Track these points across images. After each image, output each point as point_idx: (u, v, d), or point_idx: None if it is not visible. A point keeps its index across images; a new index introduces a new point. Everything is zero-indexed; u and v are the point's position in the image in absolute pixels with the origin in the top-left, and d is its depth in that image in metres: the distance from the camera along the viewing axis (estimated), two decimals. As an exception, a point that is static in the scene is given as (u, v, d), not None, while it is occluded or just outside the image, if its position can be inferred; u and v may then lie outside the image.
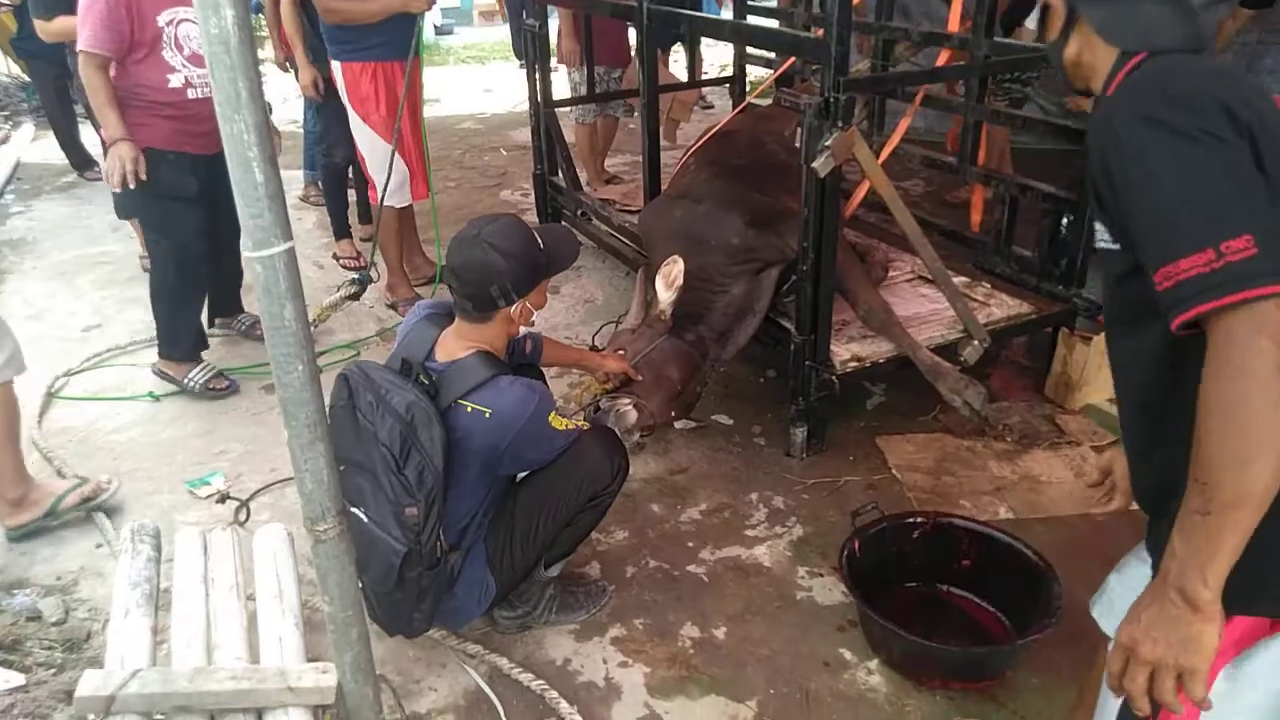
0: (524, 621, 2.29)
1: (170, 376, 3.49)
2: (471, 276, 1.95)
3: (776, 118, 4.10)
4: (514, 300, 2.00)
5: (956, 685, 2.13)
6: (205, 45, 1.17)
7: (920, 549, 2.39)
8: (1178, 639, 1.09)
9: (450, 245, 2.03)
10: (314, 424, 1.40)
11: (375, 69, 3.76)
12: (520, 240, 1.99)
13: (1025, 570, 2.24)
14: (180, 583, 1.96)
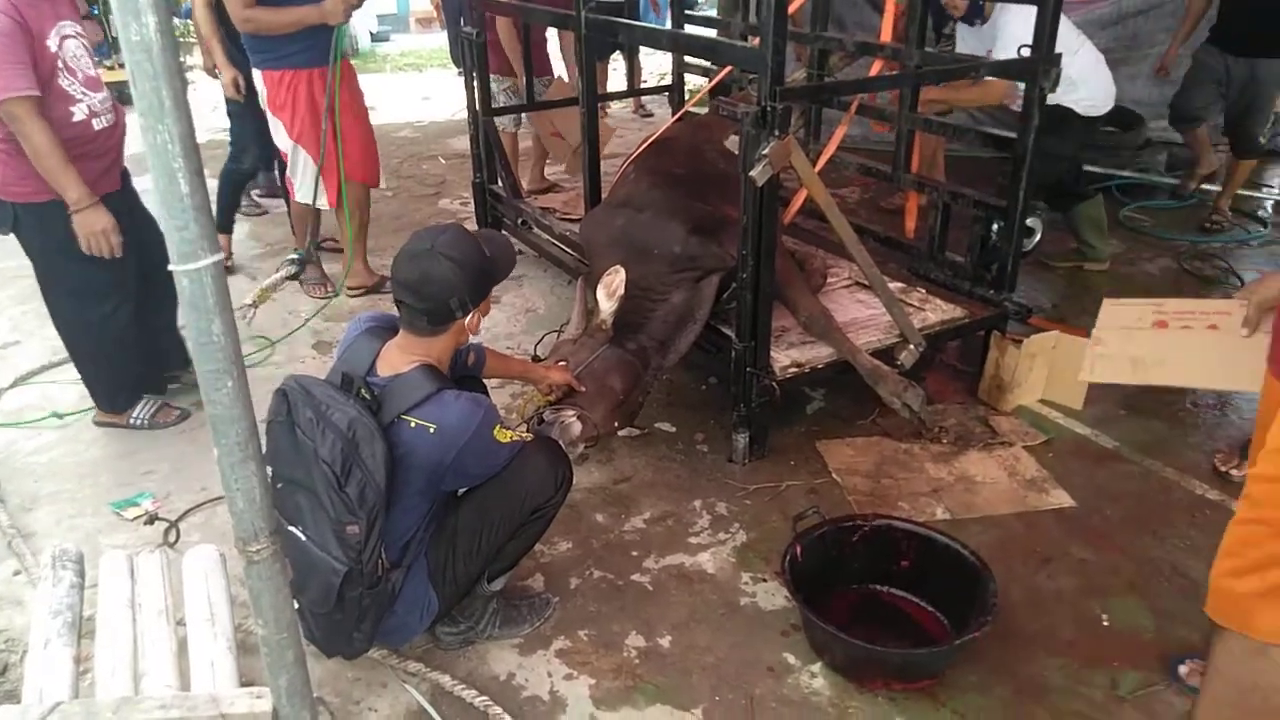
0: (467, 637, 2.25)
1: (115, 424, 3.23)
2: (431, 290, 1.92)
3: (714, 126, 4.13)
4: (470, 310, 1.98)
5: (897, 686, 2.15)
6: (127, 53, 1.13)
7: (861, 551, 2.42)
8: None
9: (399, 260, 1.98)
10: (245, 441, 1.36)
11: (294, 76, 3.76)
12: (471, 249, 1.98)
13: (962, 570, 2.28)
14: (105, 609, 1.89)
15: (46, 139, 2.62)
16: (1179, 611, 2.36)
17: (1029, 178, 3.15)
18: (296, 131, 3.84)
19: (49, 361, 3.70)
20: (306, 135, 3.85)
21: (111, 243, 2.79)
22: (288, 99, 3.79)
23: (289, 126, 3.85)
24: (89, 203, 2.72)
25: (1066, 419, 3.23)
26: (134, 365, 3.24)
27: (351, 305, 4.24)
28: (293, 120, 3.82)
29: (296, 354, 3.83)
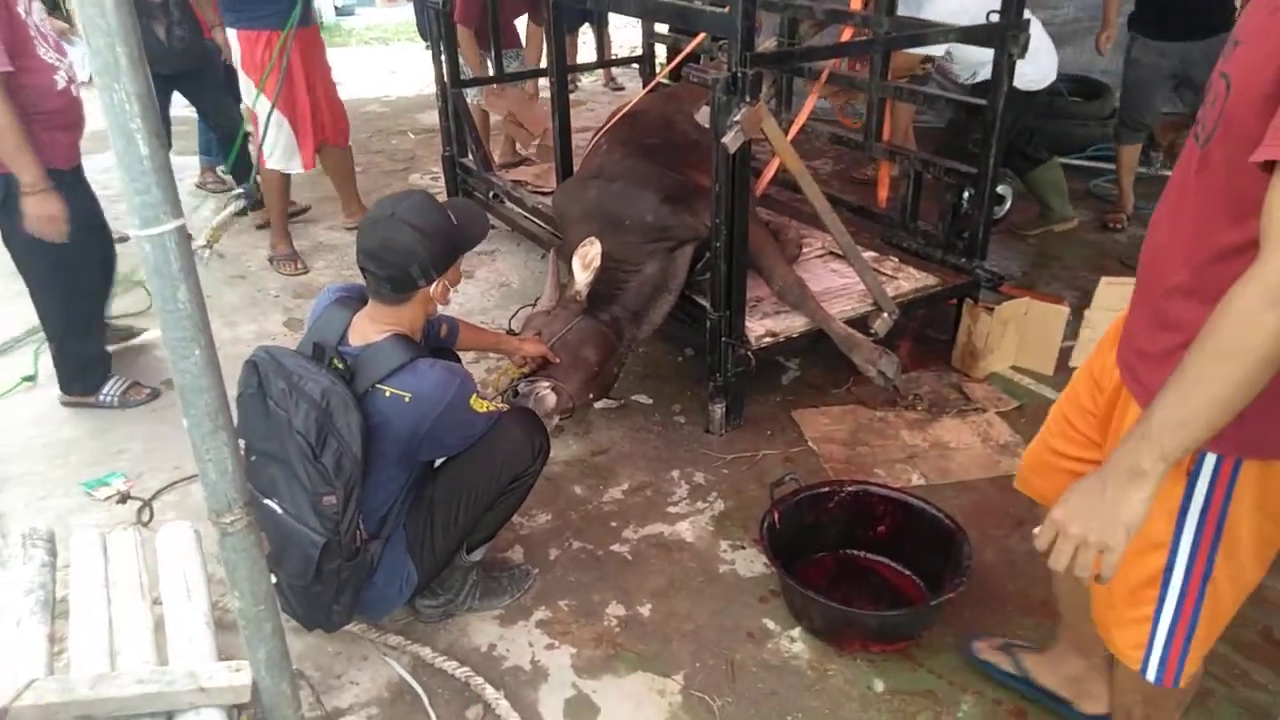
0: (447, 609, 2.25)
1: (83, 403, 3.20)
2: (392, 258, 1.89)
3: (685, 97, 4.10)
4: (434, 278, 1.95)
5: (875, 648, 2.18)
6: (79, 10, 1.09)
7: (838, 517, 2.44)
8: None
9: (362, 227, 1.96)
10: (215, 411, 1.34)
11: (270, 37, 3.81)
12: (436, 216, 1.94)
13: (937, 533, 2.30)
14: (78, 588, 1.86)
15: (9, 118, 2.58)
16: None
17: (998, 144, 3.16)
18: (273, 92, 3.83)
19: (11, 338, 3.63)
20: (288, 98, 3.90)
21: (60, 229, 2.75)
22: (262, 59, 3.83)
23: (268, 88, 3.85)
24: (44, 186, 2.67)
25: (1038, 384, 3.26)
26: (100, 344, 3.24)
27: (322, 282, 4.19)
28: (274, 81, 3.83)
29: (267, 330, 3.78)
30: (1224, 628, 1.45)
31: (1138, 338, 1.43)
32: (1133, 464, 1.16)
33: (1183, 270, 1.30)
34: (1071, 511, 1.20)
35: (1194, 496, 1.33)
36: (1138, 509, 1.16)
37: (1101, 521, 1.17)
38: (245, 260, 4.44)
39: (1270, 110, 1.11)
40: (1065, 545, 1.20)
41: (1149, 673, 1.44)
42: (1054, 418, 1.74)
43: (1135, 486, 1.15)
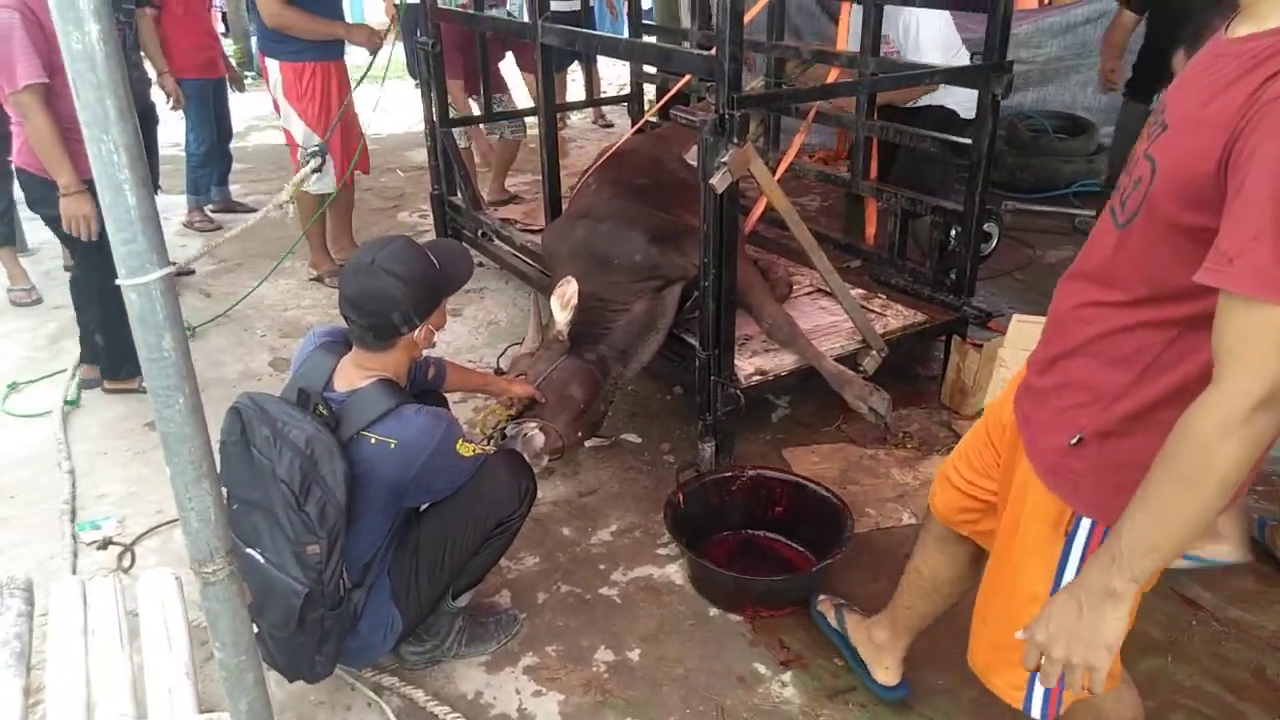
0: (432, 656, 2.21)
1: (124, 389, 3.51)
2: (372, 306, 1.88)
3: (673, 137, 4.13)
4: (416, 325, 1.93)
5: (766, 613, 2.37)
6: (69, 62, 1.09)
7: (740, 500, 2.66)
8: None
9: (343, 275, 1.96)
10: (198, 459, 1.32)
11: (315, 68, 4.09)
12: (416, 262, 1.93)
13: (826, 511, 2.54)
14: (56, 637, 1.83)
15: (48, 126, 2.93)
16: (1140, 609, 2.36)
17: (984, 182, 3.19)
18: (316, 121, 4.10)
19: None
20: (326, 124, 4.10)
21: (91, 228, 3.05)
22: (309, 89, 4.08)
23: (310, 116, 4.10)
24: (77, 189, 3.00)
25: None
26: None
27: (309, 321, 4.18)
28: (317, 110, 4.10)
29: (253, 370, 3.76)
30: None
31: (1032, 380, 1.50)
32: (1106, 586, 1.18)
33: (1088, 332, 1.35)
34: (1053, 634, 1.22)
35: (1070, 555, 1.38)
36: (1115, 628, 1.19)
37: (1083, 644, 1.19)
38: (232, 299, 4.42)
39: (1193, 208, 1.14)
40: (1052, 668, 1.23)
41: (1033, 710, 1.50)
42: (964, 441, 1.83)
43: (1110, 607, 1.18)
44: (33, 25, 2.92)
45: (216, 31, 5.38)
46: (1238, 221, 1.04)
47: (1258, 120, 1.04)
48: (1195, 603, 2.40)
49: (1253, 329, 1.04)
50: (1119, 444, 1.32)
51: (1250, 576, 2.50)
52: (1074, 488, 1.36)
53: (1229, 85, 1.11)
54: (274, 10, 3.90)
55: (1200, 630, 2.33)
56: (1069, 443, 1.37)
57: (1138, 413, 1.30)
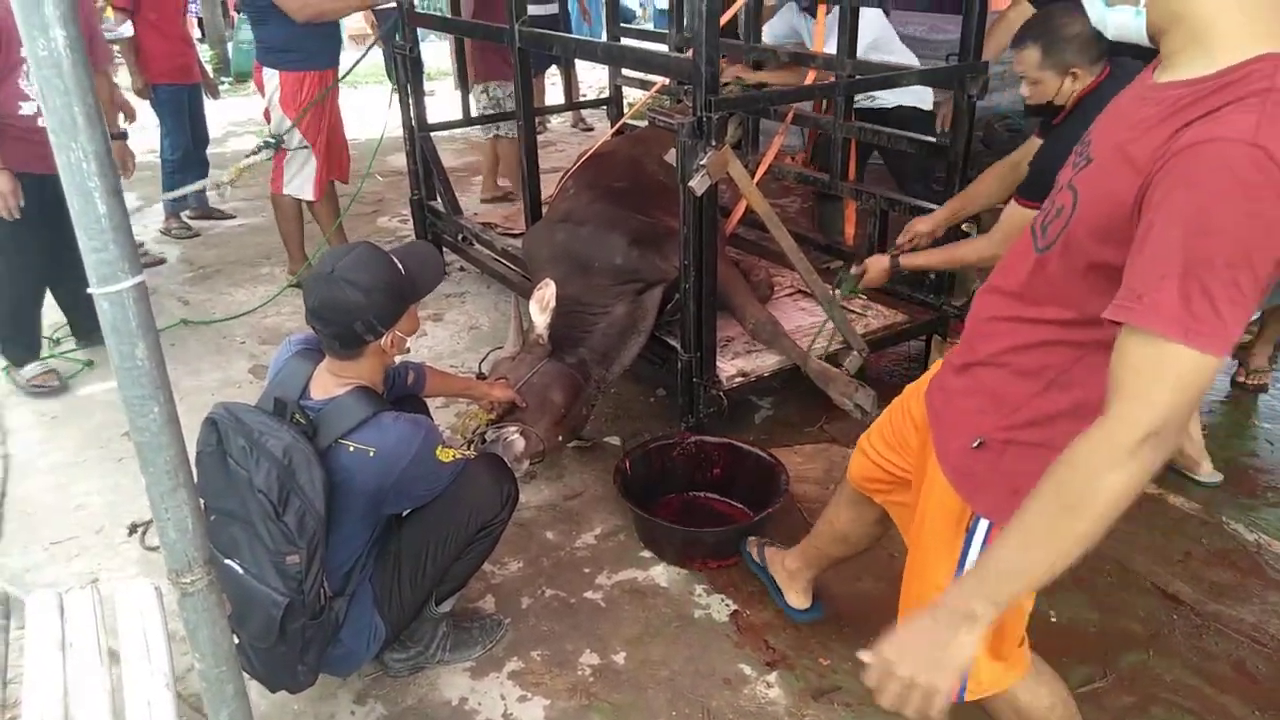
0: (416, 662, 2.20)
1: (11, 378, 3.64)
2: (332, 316, 1.85)
3: (652, 140, 4.13)
4: (381, 332, 1.90)
5: (714, 564, 2.55)
6: (34, 69, 1.08)
7: (681, 465, 2.83)
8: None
9: (306, 284, 1.94)
10: (174, 469, 1.31)
11: (314, 77, 4.14)
12: (378, 270, 1.89)
13: (760, 469, 2.73)
14: (33, 651, 1.80)
15: None
16: (1121, 604, 2.40)
17: (961, 183, 3.21)
18: (308, 129, 4.16)
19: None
20: (317, 134, 4.19)
21: (8, 205, 3.20)
22: (307, 99, 4.12)
23: (303, 125, 4.15)
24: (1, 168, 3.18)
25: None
26: (30, 328, 3.62)
27: (289, 328, 4.15)
28: (310, 119, 4.15)
29: (232, 378, 3.73)
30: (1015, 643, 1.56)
31: (947, 379, 1.58)
32: (966, 608, 1.16)
33: (1001, 344, 1.42)
34: (902, 652, 1.19)
35: (970, 552, 1.43)
36: (965, 653, 1.16)
37: (930, 665, 1.16)
38: (210, 307, 4.39)
39: (1108, 243, 1.18)
40: (893, 685, 1.18)
41: None
42: (882, 415, 1.94)
43: (966, 630, 1.16)
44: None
45: (191, 37, 5.34)
46: (1148, 262, 1.08)
47: (1170, 167, 1.08)
48: (1176, 597, 2.42)
49: (1150, 364, 1.07)
50: (1018, 452, 1.38)
51: (1230, 570, 2.52)
52: (974, 488, 1.42)
53: (1149, 129, 1.15)
54: (297, 4, 3.90)
55: (1181, 624, 2.34)
56: (971, 445, 1.43)
57: (1037, 422, 1.36)
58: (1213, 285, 1.04)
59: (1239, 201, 1.03)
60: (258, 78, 4.30)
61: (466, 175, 6.43)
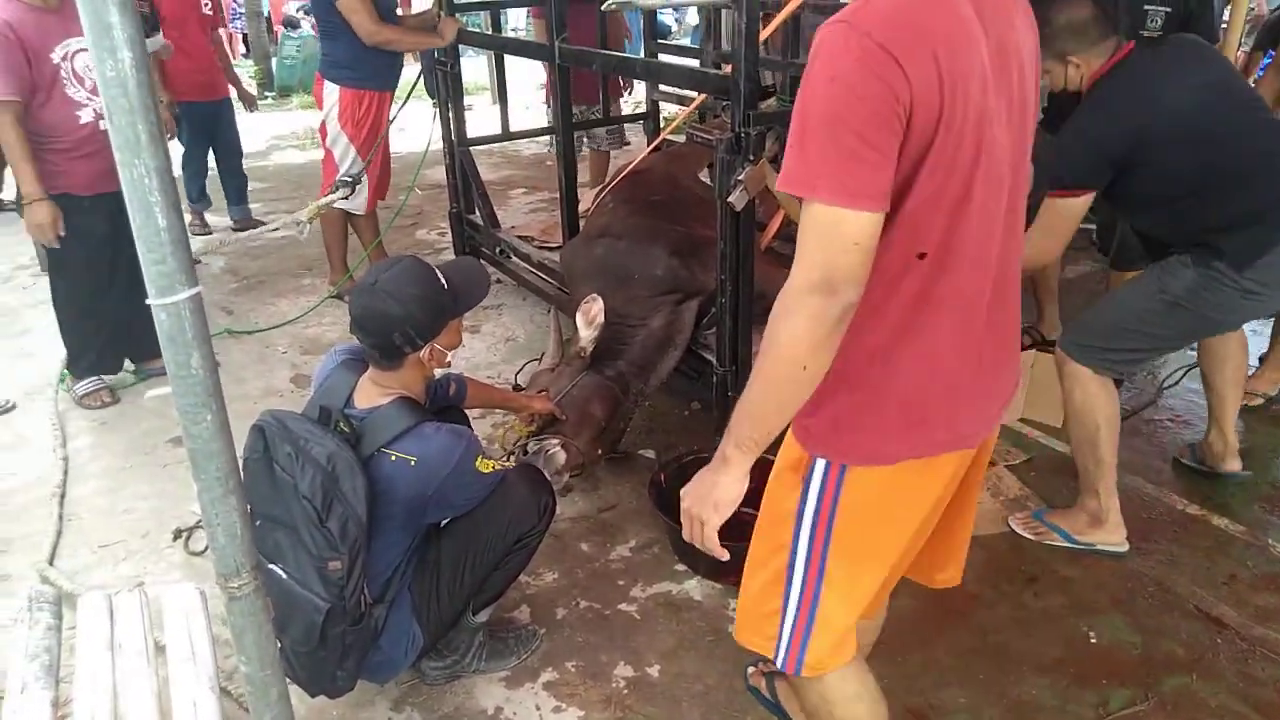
0: (453, 671, 2.22)
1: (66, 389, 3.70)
2: (372, 326, 1.90)
3: (689, 156, 4.16)
4: (420, 345, 1.94)
5: None
6: (102, 89, 1.12)
7: None
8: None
9: (351, 295, 1.99)
10: (225, 475, 1.35)
11: (373, 97, 4.25)
12: (420, 284, 1.93)
13: None
14: (84, 651, 1.85)
15: (15, 136, 3.07)
16: (1163, 627, 2.37)
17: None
18: (363, 145, 4.27)
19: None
20: (370, 150, 4.30)
21: (48, 236, 3.21)
22: (365, 117, 4.24)
23: (359, 141, 4.26)
24: (39, 197, 3.16)
25: (1046, 437, 3.25)
26: (95, 343, 3.62)
27: (330, 338, 4.22)
28: (366, 135, 4.27)
29: (274, 387, 3.80)
30: (853, 619, 1.52)
31: None
32: (723, 453, 1.34)
33: None
34: (687, 493, 1.41)
35: (807, 502, 1.44)
36: (725, 489, 1.35)
37: (700, 500, 1.38)
38: (253, 316, 4.48)
39: None
40: (685, 520, 1.42)
41: (778, 661, 1.54)
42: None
43: (724, 470, 1.35)
44: (11, 45, 3.03)
45: (215, 54, 5.46)
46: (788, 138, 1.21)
47: None
48: (1220, 620, 2.38)
49: (803, 224, 1.20)
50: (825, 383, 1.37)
51: (1277, 594, 2.47)
52: (805, 431, 1.44)
53: None
54: (371, 28, 3.98)
55: (1225, 648, 2.30)
56: None
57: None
58: (817, 143, 1.16)
59: (823, 70, 1.16)
60: (318, 90, 4.42)
61: (504, 189, 6.51)
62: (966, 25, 1.20)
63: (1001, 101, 1.26)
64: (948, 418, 1.38)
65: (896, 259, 1.27)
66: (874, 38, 1.13)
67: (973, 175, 1.23)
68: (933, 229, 1.25)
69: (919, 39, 1.15)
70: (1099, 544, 2.62)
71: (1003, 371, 1.47)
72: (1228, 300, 2.35)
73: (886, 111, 1.14)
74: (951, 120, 1.18)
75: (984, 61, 1.21)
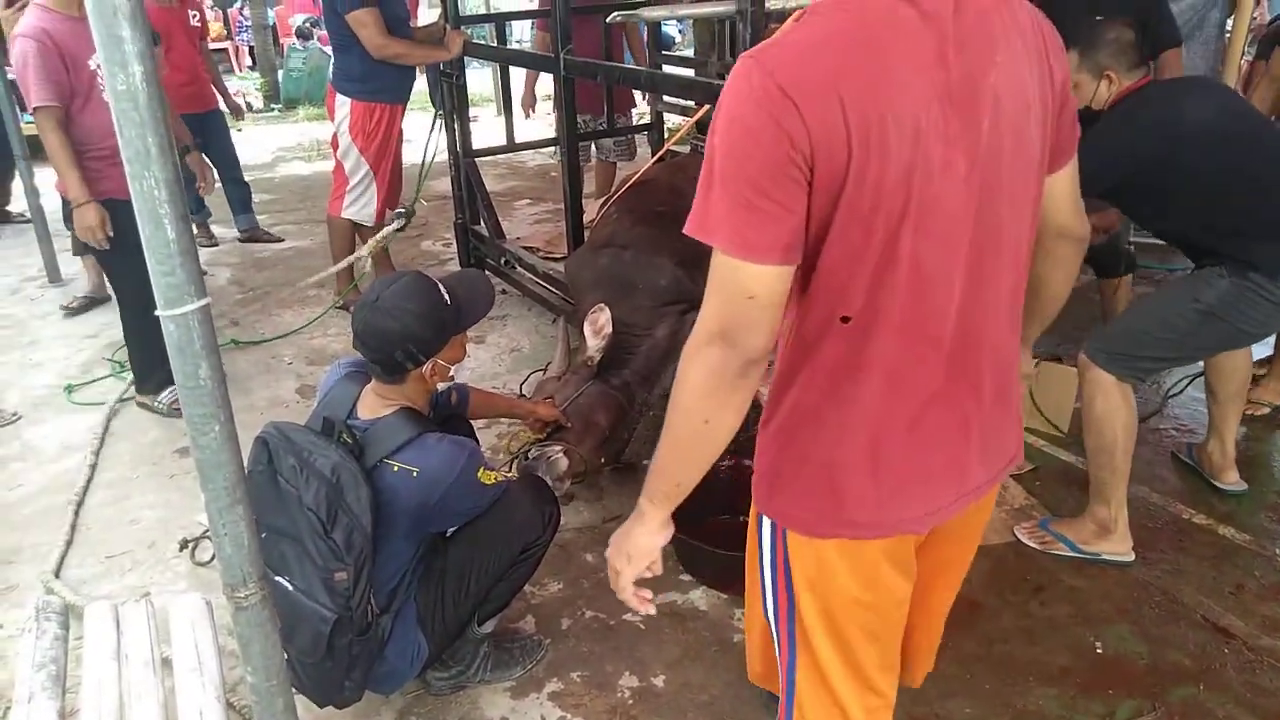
0: (458, 681, 2.22)
1: (147, 405, 3.67)
2: (374, 343, 1.90)
3: (692, 166, 4.17)
4: (422, 361, 1.94)
5: None
6: (113, 101, 1.14)
7: (721, 488, 2.61)
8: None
9: (354, 310, 1.99)
10: (233, 486, 1.36)
11: (383, 110, 4.27)
12: (422, 300, 1.92)
13: None
14: (90, 661, 1.86)
15: (59, 143, 3.13)
16: (1170, 637, 2.36)
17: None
18: (373, 158, 4.31)
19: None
20: (381, 162, 4.34)
21: (98, 237, 3.22)
22: (376, 129, 4.27)
23: (369, 153, 4.29)
24: (86, 200, 3.18)
25: (1052, 446, 3.25)
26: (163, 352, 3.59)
27: (335, 349, 4.24)
28: (377, 148, 4.29)
29: (280, 397, 3.81)
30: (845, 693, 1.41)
31: None
32: (638, 508, 1.34)
33: None
34: (610, 546, 1.41)
35: (763, 550, 1.41)
36: (638, 540, 1.35)
37: (616, 550, 1.38)
38: (259, 327, 4.50)
39: None
40: (610, 571, 1.41)
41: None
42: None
43: (638, 522, 1.34)
44: (50, 52, 3.09)
45: (203, 66, 5.47)
46: None
47: None
48: (1227, 631, 2.37)
49: (710, 271, 1.13)
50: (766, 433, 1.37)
51: (1282, 603, 2.47)
52: (755, 482, 1.41)
53: None
54: (379, 42, 4.00)
55: (1233, 659, 2.29)
56: None
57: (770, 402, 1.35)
58: (718, 188, 1.08)
59: (726, 109, 1.08)
60: (330, 102, 4.45)
61: (509, 200, 6.53)
62: (892, 70, 1.05)
63: (958, 152, 1.10)
64: (876, 500, 1.25)
65: (817, 319, 1.18)
66: (775, 78, 1.03)
67: (897, 234, 1.09)
68: (854, 291, 1.13)
69: (825, 82, 1.03)
70: (1105, 554, 2.61)
71: (962, 457, 1.28)
72: (1261, 311, 2.38)
73: (782, 159, 1.04)
74: (864, 173, 1.05)
75: (922, 110, 1.06)
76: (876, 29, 1.07)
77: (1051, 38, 1.23)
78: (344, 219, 4.48)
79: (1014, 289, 1.26)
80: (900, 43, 1.07)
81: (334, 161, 4.47)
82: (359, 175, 4.35)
